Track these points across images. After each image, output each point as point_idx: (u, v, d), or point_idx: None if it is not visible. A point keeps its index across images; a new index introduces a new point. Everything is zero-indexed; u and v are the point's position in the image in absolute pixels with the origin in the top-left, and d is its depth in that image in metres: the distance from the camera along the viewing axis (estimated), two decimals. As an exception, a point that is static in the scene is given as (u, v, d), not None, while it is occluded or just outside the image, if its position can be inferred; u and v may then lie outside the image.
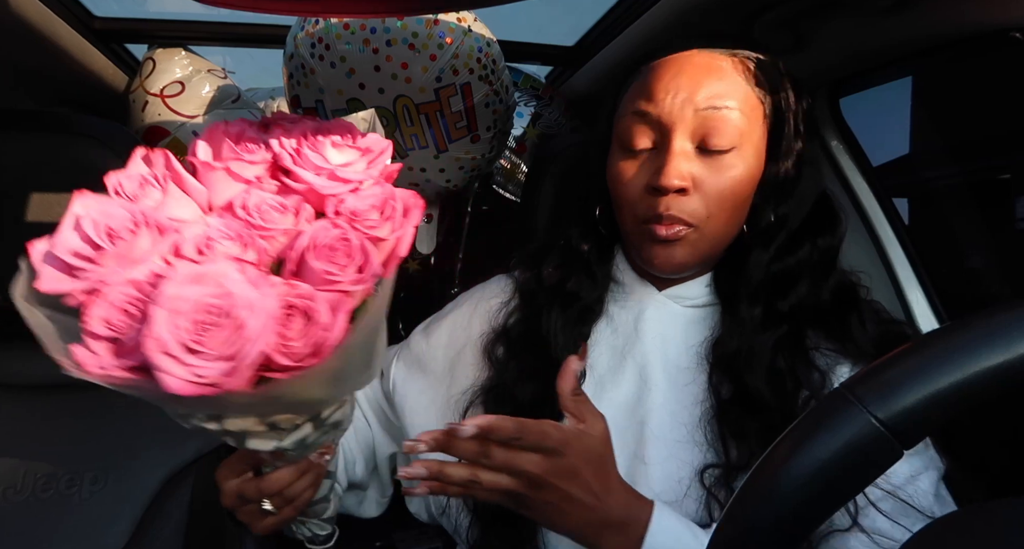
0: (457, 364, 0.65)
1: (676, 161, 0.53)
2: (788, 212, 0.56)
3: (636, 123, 0.56)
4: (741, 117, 0.53)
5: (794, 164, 0.55)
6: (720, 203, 0.54)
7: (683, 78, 0.54)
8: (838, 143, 0.96)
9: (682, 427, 0.55)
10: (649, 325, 0.60)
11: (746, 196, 0.55)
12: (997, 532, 0.25)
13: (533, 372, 0.58)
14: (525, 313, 0.64)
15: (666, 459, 0.54)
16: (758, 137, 0.55)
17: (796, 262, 0.56)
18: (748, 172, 0.54)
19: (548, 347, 0.59)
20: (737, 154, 0.54)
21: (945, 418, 0.26)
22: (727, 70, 0.54)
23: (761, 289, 0.56)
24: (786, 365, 0.53)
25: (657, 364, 0.58)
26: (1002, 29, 0.65)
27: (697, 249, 0.56)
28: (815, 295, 0.56)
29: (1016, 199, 1.86)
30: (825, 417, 0.27)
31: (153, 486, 0.76)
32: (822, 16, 0.73)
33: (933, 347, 0.27)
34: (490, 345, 0.63)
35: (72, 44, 0.97)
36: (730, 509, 0.29)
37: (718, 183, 0.53)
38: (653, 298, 0.61)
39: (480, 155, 1.01)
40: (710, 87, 0.53)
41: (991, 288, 1.26)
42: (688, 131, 0.54)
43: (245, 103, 1.18)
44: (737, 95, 0.54)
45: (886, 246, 0.92)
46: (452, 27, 0.88)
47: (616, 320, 0.62)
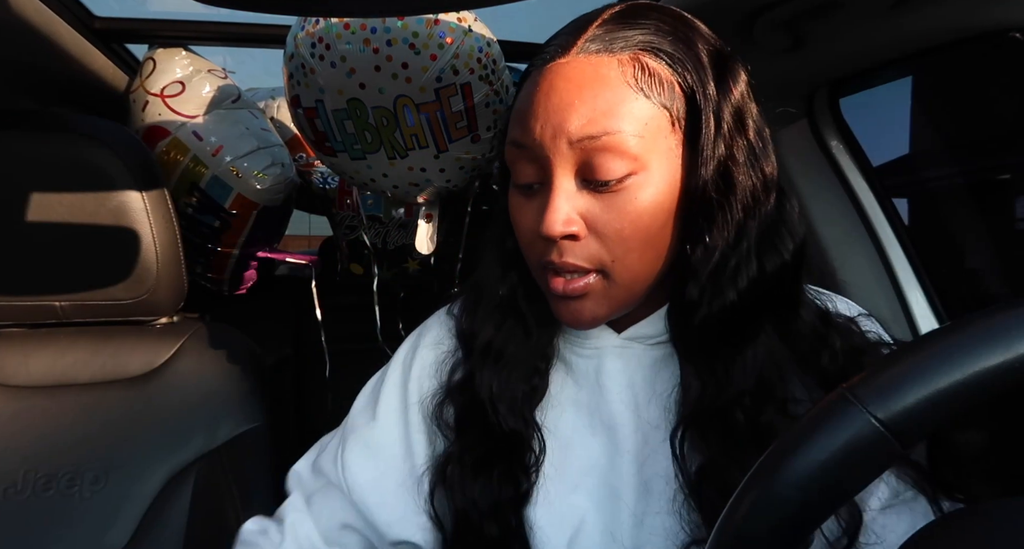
0: (410, 431, 0.56)
1: (557, 203, 0.43)
2: (720, 234, 0.44)
3: (517, 156, 0.47)
4: (632, 139, 0.42)
5: (717, 172, 0.44)
6: (624, 243, 0.44)
7: (554, 97, 0.43)
8: (838, 143, 0.96)
9: (660, 497, 0.47)
10: (613, 378, 0.51)
11: (660, 226, 0.44)
12: (997, 532, 0.25)
13: (481, 459, 0.50)
14: (466, 368, 0.54)
15: (645, 541, 0.47)
16: (666, 151, 0.44)
17: (738, 294, 0.45)
18: (655, 198, 0.43)
19: (488, 419, 0.50)
20: (637, 180, 0.43)
21: (945, 418, 0.26)
22: (610, 81, 0.43)
23: (704, 333, 0.46)
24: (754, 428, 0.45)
25: (627, 424, 0.50)
26: (1002, 29, 0.65)
27: (611, 298, 0.46)
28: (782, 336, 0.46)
29: (1016, 199, 1.86)
30: (824, 417, 0.27)
31: (154, 486, 0.77)
32: (822, 16, 0.73)
33: (933, 347, 0.27)
34: (437, 408, 0.54)
35: (72, 44, 0.97)
36: (728, 512, 0.29)
37: (615, 221, 0.43)
38: (612, 344, 0.52)
39: (480, 155, 1.01)
40: (585, 108, 0.42)
41: (991, 288, 1.26)
42: (568, 165, 0.44)
43: (245, 103, 1.18)
44: (625, 113, 0.42)
45: (886, 246, 0.92)
46: (452, 27, 0.88)
47: (576, 370, 0.53)
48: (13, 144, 0.78)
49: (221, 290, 1.26)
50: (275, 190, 1.15)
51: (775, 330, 0.47)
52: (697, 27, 0.47)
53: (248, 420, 0.81)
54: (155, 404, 0.80)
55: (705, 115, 0.44)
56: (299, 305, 1.50)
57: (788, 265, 0.46)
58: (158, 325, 0.88)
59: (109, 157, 0.79)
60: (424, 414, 0.55)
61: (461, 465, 0.51)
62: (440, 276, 1.36)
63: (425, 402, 0.55)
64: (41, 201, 0.79)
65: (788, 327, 0.47)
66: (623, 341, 0.52)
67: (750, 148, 0.45)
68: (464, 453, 0.51)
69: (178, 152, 1.09)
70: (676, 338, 0.49)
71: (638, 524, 0.47)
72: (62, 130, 0.79)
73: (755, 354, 0.45)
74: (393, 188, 1.02)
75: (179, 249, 0.84)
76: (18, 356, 0.82)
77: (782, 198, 0.48)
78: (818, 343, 0.47)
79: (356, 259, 1.39)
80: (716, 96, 0.44)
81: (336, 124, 0.92)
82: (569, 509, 0.49)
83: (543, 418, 0.52)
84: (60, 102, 1.13)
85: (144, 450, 0.78)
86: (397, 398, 0.57)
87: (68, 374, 0.82)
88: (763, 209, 0.46)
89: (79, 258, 0.81)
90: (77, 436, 0.78)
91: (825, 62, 0.83)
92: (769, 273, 0.46)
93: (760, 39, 0.78)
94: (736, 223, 0.45)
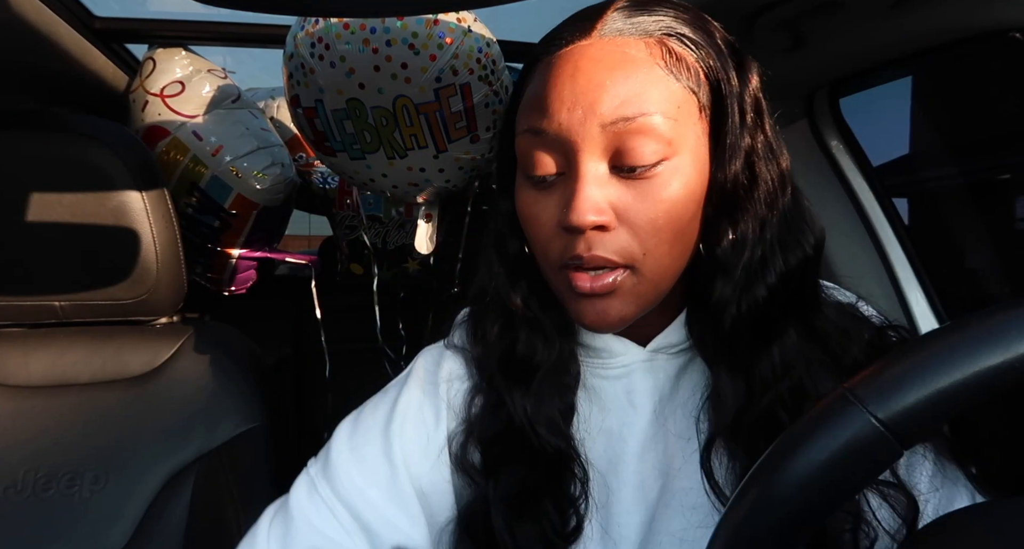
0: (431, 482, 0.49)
1: (587, 191, 0.40)
2: (745, 225, 0.43)
3: (534, 145, 0.43)
4: (666, 122, 0.40)
5: (744, 165, 0.42)
6: (655, 235, 0.41)
7: (581, 79, 0.40)
8: (838, 143, 0.96)
9: (698, 511, 0.45)
10: (647, 396, 0.48)
11: (690, 216, 0.42)
12: (997, 532, 0.25)
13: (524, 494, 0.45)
14: (488, 397, 0.49)
15: None
16: (695, 138, 0.42)
17: (768, 290, 0.43)
18: (687, 187, 0.41)
19: (529, 442, 0.46)
20: (669, 168, 0.41)
21: (946, 418, 0.26)
22: (640, 62, 0.40)
23: (738, 335, 0.43)
24: None
25: (659, 445, 0.47)
26: (1002, 29, 0.65)
27: (639, 297, 0.43)
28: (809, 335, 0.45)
29: (1016, 199, 1.86)
30: (824, 417, 0.27)
31: (154, 486, 0.77)
32: (822, 16, 0.73)
33: (933, 347, 0.27)
34: (460, 450, 0.48)
35: (72, 44, 0.97)
36: (728, 512, 0.29)
37: (648, 210, 0.41)
38: (640, 359, 0.48)
39: (480, 155, 1.01)
40: (617, 89, 0.40)
41: (991, 288, 1.26)
42: (598, 150, 0.41)
43: (245, 103, 1.18)
44: (656, 94, 0.40)
45: (886, 246, 0.92)
46: (452, 27, 0.88)
47: (602, 396, 0.49)
48: (13, 144, 0.78)
49: (221, 290, 1.26)
50: (275, 190, 1.15)
51: (801, 328, 0.45)
52: (711, 18, 0.46)
53: (248, 420, 0.81)
54: (155, 404, 0.80)
55: (730, 104, 0.42)
56: (299, 305, 1.50)
57: (811, 259, 0.45)
58: (158, 325, 0.88)
59: (109, 157, 0.79)
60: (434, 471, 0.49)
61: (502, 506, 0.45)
62: (440, 276, 1.36)
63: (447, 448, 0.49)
64: (41, 201, 0.79)
65: (813, 324, 0.45)
66: (650, 354, 0.48)
67: (767, 141, 0.44)
68: (502, 491, 0.45)
69: (178, 152, 1.09)
70: (701, 344, 0.46)
71: (679, 543, 0.45)
72: (62, 130, 0.79)
73: (783, 353, 0.43)
74: (392, 188, 1.02)
75: (179, 249, 0.84)
76: (18, 356, 0.82)
77: (797, 193, 0.46)
78: (844, 338, 0.45)
79: (356, 259, 1.40)
80: (738, 86, 0.43)
81: (335, 124, 0.92)
82: (615, 542, 0.46)
83: (579, 443, 0.48)
84: (60, 102, 1.13)
85: (144, 450, 0.78)
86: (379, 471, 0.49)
87: (68, 374, 0.82)
88: (782, 202, 0.44)
89: (79, 258, 0.81)
90: (77, 436, 0.78)
91: (825, 62, 0.83)
92: (793, 267, 0.44)
93: (760, 39, 0.78)
94: (760, 217, 0.43)
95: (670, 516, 0.45)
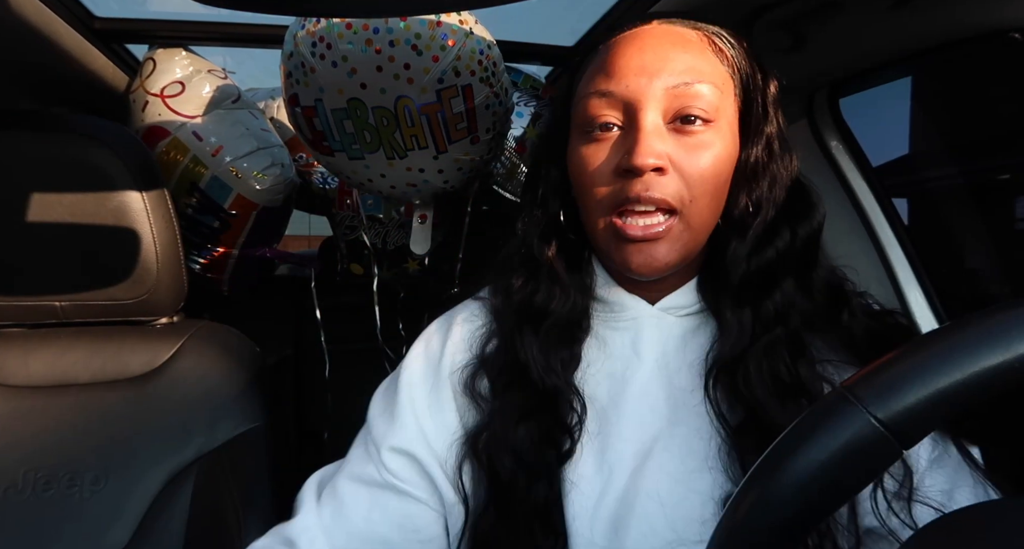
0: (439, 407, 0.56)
1: (649, 139, 0.47)
2: (762, 197, 0.51)
3: (599, 104, 0.50)
4: (714, 91, 0.49)
5: (765, 147, 0.51)
6: (702, 184, 0.49)
7: (648, 52, 0.49)
8: (838, 143, 0.96)
9: (695, 456, 0.50)
10: (649, 347, 0.54)
11: (726, 178, 0.50)
12: (997, 532, 0.25)
13: (524, 411, 0.51)
14: (501, 339, 0.56)
15: (684, 498, 0.49)
16: (731, 115, 0.50)
17: (776, 253, 0.50)
18: (726, 151, 0.50)
19: (530, 377, 0.52)
20: (714, 131, 0.49)
21: (945, 418, 0.26)
22: (695, 42, 0.50)
23: (744, 288, 0.50)
24: (789, 373, 0.48)
25: (660, 391, 0.52)
26: (1002, 29, 0.65)
27: (681, 243, 0.50)
28: (805, 292, 0.51)
29: (1016, 199, 1.86)
30: (824, 417, 0.27)
31: (154, 486, 0.77)
32: (822, 16, 0.73)
33: (933, 347, 0.27)
34: (470, 380, 0.55)
35: (72, 44, 0.97)
36: (728, 512, 0.29)
37: (697, 162, 0.48)
38: (648, 315, 0.55)
39: (479, 156, 1.01)
40: (678, 60, 0.48)
41: (991, 288, 1.26)
42: (659, 108, 0.48)
43: (245, 103, 1.18)
44: (708, 68, 0.49)
45: (886, 246, 0.92)
46: (455, 29, 0.88)
47: (610, 344, 0.55)
48: (13, 144, 0.78)
49: (221, 290, 1.26)
50: (275, 190, 1.15)
51: (799, 283, 0.52)
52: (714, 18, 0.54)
53: (248, 420, 0.81)
54: (155, 404, 0.80)
55: (755, 97, 0.51)
56: (299, 305, 1.50)
57: (814, 234, 0.52)
58: (158, 325, 0.88)
59: (109, 157, 0.79)
60: (455, 388, 0.56)
61: (503, 417, 0.52)
62: (437, 276, 1.36)
63: (455, 375, 0.56)
64: (41, 201, 0.79)
65: (807, 282, 0.52)
66: (658, 312, 0.54)
67: (781, 134, 0.53)
68: (505, 408, 0.52)
69: (178, 152, 1.09)
70: (711, 300, 0.53)
71: (676, 483, 0.49)
72: (62, 130, 0.79)
73: (783, 300, 0.50)
74: (390, 188, 1.02)
75: (179, 249, 0.84)
76: (18, 356, 0.82)
77: (803, 178, 0.55)
78: (835, 297, 0.52)
79: (356, 259, 1.39)
80: (762, 84, 0.52)
81: (335, 123, 0.92)
82: (610, 472, 0.50)
83: (582, 385, 0.53)
84: (60, 102, 1.13)
85: (144, 450, 0.78)
86: (422, 375, 0.57)
87: (68, 374, 0.82)
88: (791, 182, 0.53)
89: (79, 258, 0.81)
90: (77, 436, 0.78)
91: (825, 62, 0.83)
92: (800, 237, 0.51)
93: (760, 39, 0.78)
94: (775, 191, 0.51)
95: (666, 456, 0.50)
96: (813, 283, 0.52)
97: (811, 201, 0.53)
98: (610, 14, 1.10)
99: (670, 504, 0.48)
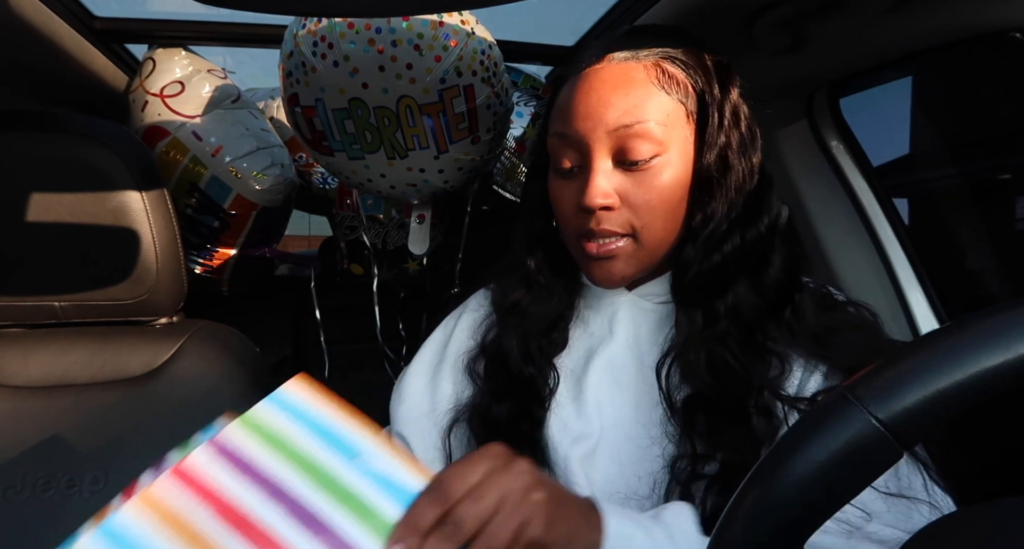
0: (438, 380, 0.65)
1: (597, 180, 0.54)
2: (716, 209, 0.55)
3: (559, 145, 0.57)
4: (657, 126, 0.53)
5: (717, 158, 0.55)
6: (650, 212, 0.55)
7: (592, 97, 0.54)
8: (838, 143, 0.96)
9: (656, 426, 0.56)
10: (622, 325, 0.61)
11: (679, 199, 0.55)
12: (997, 532, 0.25)
13: (504, 392, 0.60)
14: (496, 330, 0.64)
15: (639, 459, 0.55)
16: (683, 138, 0.55)
17: (722, 257, 0.55)
18: (675, 176, 0.54)
19: (509, 368, 0.60)
20: (661, 161, 0.54)
21: (945, 418, 0.26)
22: (638, 81, 0.54)
23: (696, 289, 0.56)
24: (736, 361, 0.53)
25: (630, 365, 0.59)
26: (1002, 29, 0.65)
27: (636, 259, 0.57)
28: (757, 291, 0.56)
29: (1016, 199, 1.86)
30: (824, 418, 0.27)
31: (153, 486, 0.76)
32: (822, 16, 0.73)
33: (933, 347, 0.27)
34: (472, 362, 0.63)
35: (72, 44, 0.97)
36: (728, 512, 0.29)
37: (644, 194, 0.54)
38: (624, 298, 0.62)
39: (479, 156, 1.01)
40: (618, 106, 0.53)
41: (991, 288, 1.26)
42: (605, 150, 0.54)
43: (245, 103, 1.18)
44: (650, 107, 0.53)
45: (886, 246, 0.92)
46: (456, 30, 0.88)
47: (590, 323, 0.63)
48: (13, 144, 0.78)
49: (221, 290, 1.26)
50: (274, 190, 1.15)
51: (750, 284, 0.56)
52: (702, 42, 0.58)
53: (248, 420, 0.81)
54: (155, 404, 0.80)
55: (711, 111, 0.55)
56: (299, 305, 1.50)
57: (763, 236, 0.57)
58: (158, 325, 0.88)
59: (109, 157, 0.79)
60: (458, 367, 0.64)
61: (489, 396, 0.60)
62: (440, 276, 1.36)
63: (461, 357, 0.64)
64: (41, 201, 0.79)
65: (760, 282, 0.57)
66: (633, 296, 0.62)
67: (741, 139, 0.56)
68: (492, 388, 0.61)
69: (178, 152, 1.09)
70: (674, 293, 0.59)
71: (638, 449, 0.55)
72: (62, 130, 0.79)
73: (735, 299, 0.56)
74: (390, 188, 1.02)
75: (179, 249, 0.84)
76: (18, 356, 0.82)
77: (766, 183, 0.58)
78: (783, 296, 0.56)
79: (356, 259, 1.39)
80: (719, 96, 0.55)
81: (336, 123, 0.92)
82: (580, 434, 0.57)
83: (561, 363, 0.61)
84: (60, 102, 1.13)
85: (144, 450, 0.78)
86: (432, 353, 0.67)
87: (68, 374, 0.81)
88: (748, 188, 0.56)
89: (79, 258, 0.81)
90: (77, 436, 0.78)
91: (825, 62, 0.83)
92: (747, 240, 0.56)
93: (760, 39, 0.78)
94: (728, 199, 0.55)
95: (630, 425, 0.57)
96: (765, 281, 0.56)
97: (761, 206, 0.57)
98: (610, 14, 1.10)
99: (628, 464, 0.55)
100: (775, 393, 0.52)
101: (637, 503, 0.54)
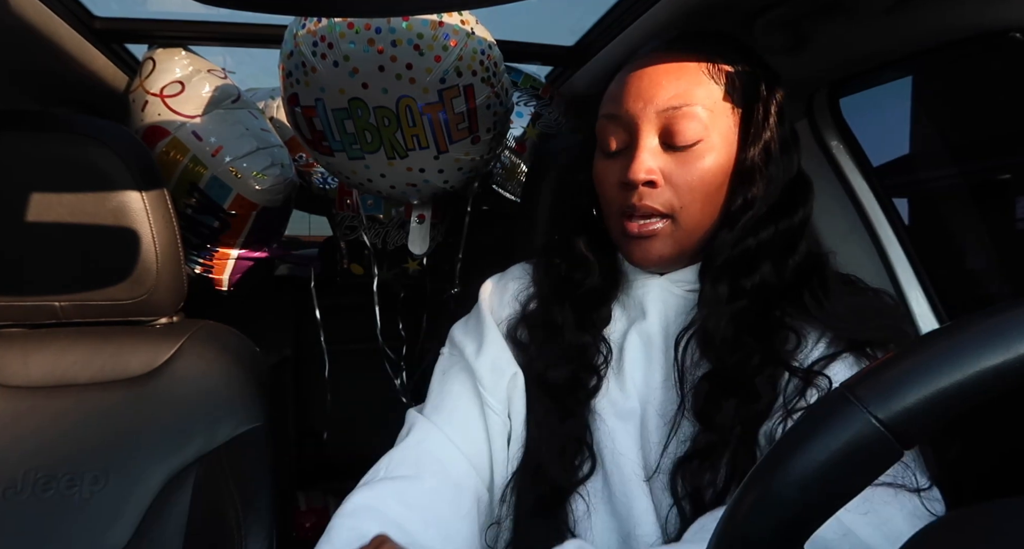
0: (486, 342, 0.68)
1: (642, 156, 0.57)
2: (755, 196, 0.58)
3: (608, 126, 0.61)
4: (704, 112, 0.56)
5: (762, 150, 0.58)
6: (691, 193, 0.57)
7: (645, 81, 0.58)
8: (838, 143, 0.96)
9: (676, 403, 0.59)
10: (654, 305, 0.64)
11: (718, 184, 0.58)
12: (997, 532, 0.25)
13: (558, 359, 0.63)
14: (540, 302, 0.68)
15: (658, 427, 0.59)
16: (727, 127, 0.58)
17: (757, 243, 0.58)
18: (717, 162, 0.57)
19: (564, 337, 0.63)
20: (704, 146, 0.57)
21: (945, 418, 0.26)
22: (689, 70, 0.58)
23: (725, 269, 0.58)
24: (751, 337, 0.56)
25: (659, 342, 0.62)
26: (1002, 29, 0.65)
27: (675, 241, 0.59)
28: (778, 273, 0.59)
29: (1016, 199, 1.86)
30: (825, 417, 0.27)
31: (154, 486, 0.77)
32: (822, 16, 0.73)
33: (933, 347, 0.27)
34: (513, 329, 0.67)
35: (72, 44, 0.97)
36: (729, 512, 0.29)
37: (686, 175, 0.57)
38: (655, 282, 0.65)
39: (479, 156, 1.01)
40: (669, 88, 0.57)
41: (991, 288, 1.26)
42: (653, 129, 0.57)
43: (245, 103, 1.18)
44: (698, 93, 0.57)
45: (886, 246, 0.92)
46: (456, 29, 0.88)
47: (625, 304, 0.67)
48: (13, 144, 0.78)
49: (221, 290, 1.26)
50: (274, 190, 1.15)
51: (774, 267, 0.59)
52: (751, 50, 0.62)
53: (248, 420, 0.81)
54: (155, 404, 0.80)
55: (756, 107, 0.58)
56: (299, 305, 1.50)
57: (795, 227, 0.60)
58: (158, 325, 0.88)
59: (109, 157, 0.79)
60: (504, 332, 0.67)
61: (542, 364, 0.63)
62: (440, 276, 1.36)
63: (503, 323, 0.68)
64: (41, 201, 0.79)
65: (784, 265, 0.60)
66: (664, 281, 0.65)
67: (783, 135, 0.59)
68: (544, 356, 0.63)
69: (178, 152, 1.09)
70: (702, 275, 0.61)
71: (664, 425, 0.59)
72: (62, 130, 0.79)
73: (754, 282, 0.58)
74: (390, 188, 1.02)
75: (179, 249, 0.84)
76: (18, 356, 0.82)
77: (805, 180, 0.62)
78: (804, 279, 0.59)
79: (356, 259, 1.39)
80: (765, 94, 0.59)
81: (336, 123, 0.92)
82: (623, 406, 0.61)
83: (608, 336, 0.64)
84: (60, 102, 1.13)
85: (144, 450, 0.78)
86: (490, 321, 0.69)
87: (68, 374, 0.82)
88: (788, 182, 0.60)
89: (79, 258, 0.81)
90: (77, 436, 0.78)
91: (825, 62, 0.83)
92: (781, 230, 0.59)
93: (760, 39, 0.78)
94: (769, 189, 0.58)
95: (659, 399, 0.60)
96: (787, 267, 0.60)
97: (799, 200, 0.60)
98: (610, 14, 1.10)
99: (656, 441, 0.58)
100: (787, 366, 0.55)
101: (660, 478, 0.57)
